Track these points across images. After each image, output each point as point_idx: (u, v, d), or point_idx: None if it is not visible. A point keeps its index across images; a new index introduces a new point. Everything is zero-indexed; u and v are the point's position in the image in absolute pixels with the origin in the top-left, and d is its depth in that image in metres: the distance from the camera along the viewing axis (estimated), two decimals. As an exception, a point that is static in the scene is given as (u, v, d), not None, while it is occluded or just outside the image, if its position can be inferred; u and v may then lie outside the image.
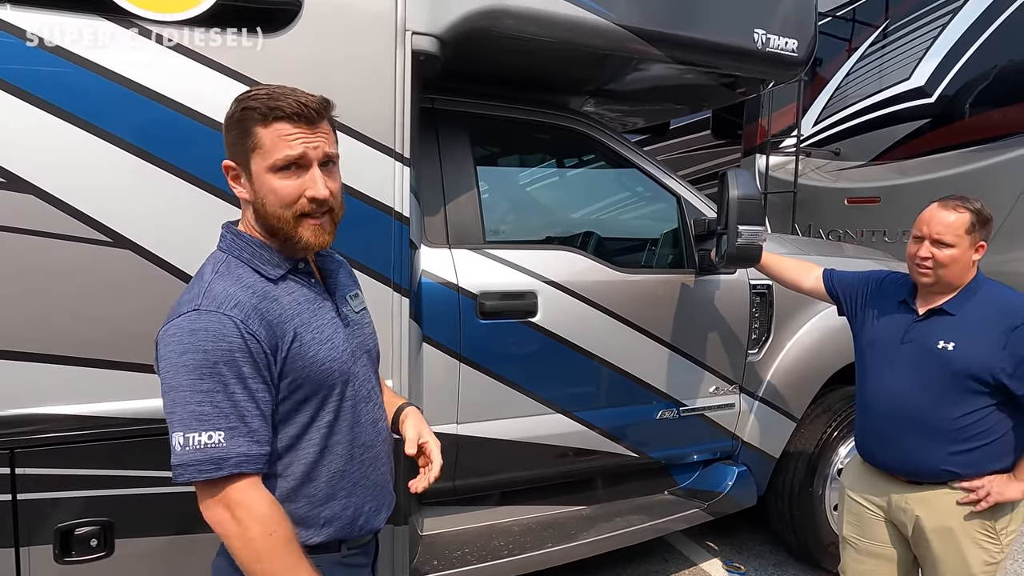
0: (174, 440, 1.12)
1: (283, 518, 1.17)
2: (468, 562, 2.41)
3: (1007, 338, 1.86)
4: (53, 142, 1.68)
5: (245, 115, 1.19)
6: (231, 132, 1.21)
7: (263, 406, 1.16)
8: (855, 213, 5.14)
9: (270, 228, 1.23)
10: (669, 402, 2.84)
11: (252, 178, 1.21)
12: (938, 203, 1.99)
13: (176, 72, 1.76)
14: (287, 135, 1.18)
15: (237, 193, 1.25)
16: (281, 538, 1.14)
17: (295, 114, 1.19)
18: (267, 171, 1.19)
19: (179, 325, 1.14)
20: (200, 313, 1.13)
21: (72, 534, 1.77)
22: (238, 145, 1.21)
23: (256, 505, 1.14)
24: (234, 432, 1.12)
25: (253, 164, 1.20)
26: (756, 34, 2.56)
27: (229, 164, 1.24)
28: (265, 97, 1.18)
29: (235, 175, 1.24)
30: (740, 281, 2.93)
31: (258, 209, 1.22)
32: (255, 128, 1.18)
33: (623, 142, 2.93)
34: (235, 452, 1.12)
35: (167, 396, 1.13)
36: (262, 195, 1.21)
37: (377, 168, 1.98)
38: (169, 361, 1.13)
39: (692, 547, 3.52)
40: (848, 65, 5.41)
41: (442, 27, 2.04)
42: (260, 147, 1.19)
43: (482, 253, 2.49)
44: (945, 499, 1.97)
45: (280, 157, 1.18)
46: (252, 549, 1.12)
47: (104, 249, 1.74)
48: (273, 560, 1.13)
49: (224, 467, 1.11)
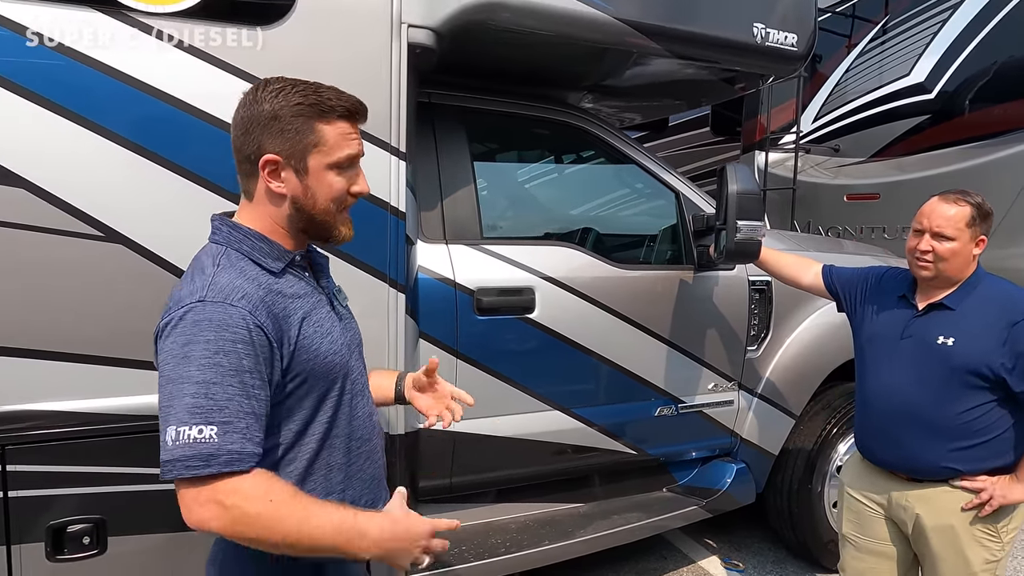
0: (167, 434, 1.06)
1: (273, 481, 1.11)
2: (465, 559, 2.40)
3: (1007, 333, 1.85)
4: (44, 136, 1.66)
5: (302, 111, 1.17)
6: (284, 125, 1.17)
7: (257, 403, 1.12)
8: (855, 209, 5.13)
9: (312, 224, 1.24)
10: (667, 399, 2.83)
11: (307, 174, 1.20)
12: (939, 196, 1.98)
13: (167, 65, 1.75)
14: (348, 133, 1.22)
15: (274, 188, 1.20)
16: (281, 498, 1.09)
17: (356, 112, 1.23)
18: (326, 168, 1.21)
19: (182, 316, 1.10)
20: (205, 304, 1.10)
21: (64, 532, 1.76)
22: (292, 140, 1.18)
23: (243, 487, 1.08)
24: (227, 428, 1.07)
25: (311, 160, 1.19)
26: (756, 28, 2.54)
27: (273, 158, 1.18)
28: (315, 93, 1.19)
29: (275, 169, 1.19)
30: (739, 277, 2.92)
31: (305, 204, 1.22)
32: (317, 124, 1.18)
33: (621, 137, 2.91)
34: (226, 449, 1.06)
35: (164, 388, 1.09)
36: (314, 190, 1.21)
37: (373, 163, 1.94)
38: (170, 352, 1.09)
39: (691, 544, 3.51)
40: (848, 61, 5.39)
41: (438, 20, 2.03)
42: (323, 144, 1.19)
43: (479, 249, 2.47)
44: (946, 497, 1.96)
45: (344, 156, 1.22)
46: (260, 523, 1.07)
47: (97, 244, 1.73)
48: (286, 518, 1.08)
49: (212, 464, 1.06)
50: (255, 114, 1.18)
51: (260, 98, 1.19)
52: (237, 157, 1.23)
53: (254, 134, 1.18)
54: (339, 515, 1.12)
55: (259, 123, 1.18)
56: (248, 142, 1.19)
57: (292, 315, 1.19)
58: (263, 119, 1.18)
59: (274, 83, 1.20)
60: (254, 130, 1.18)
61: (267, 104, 1.18)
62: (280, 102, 1.18)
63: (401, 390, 1.62)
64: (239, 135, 1.21)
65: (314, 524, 1.09)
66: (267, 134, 1.18)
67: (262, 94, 1.19)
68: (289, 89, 1.19)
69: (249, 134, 1.19)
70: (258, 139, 1.18)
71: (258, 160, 1.19)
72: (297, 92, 1.18)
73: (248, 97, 1.21)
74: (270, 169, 1.19)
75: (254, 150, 1.19)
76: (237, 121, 1.21)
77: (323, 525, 1.09)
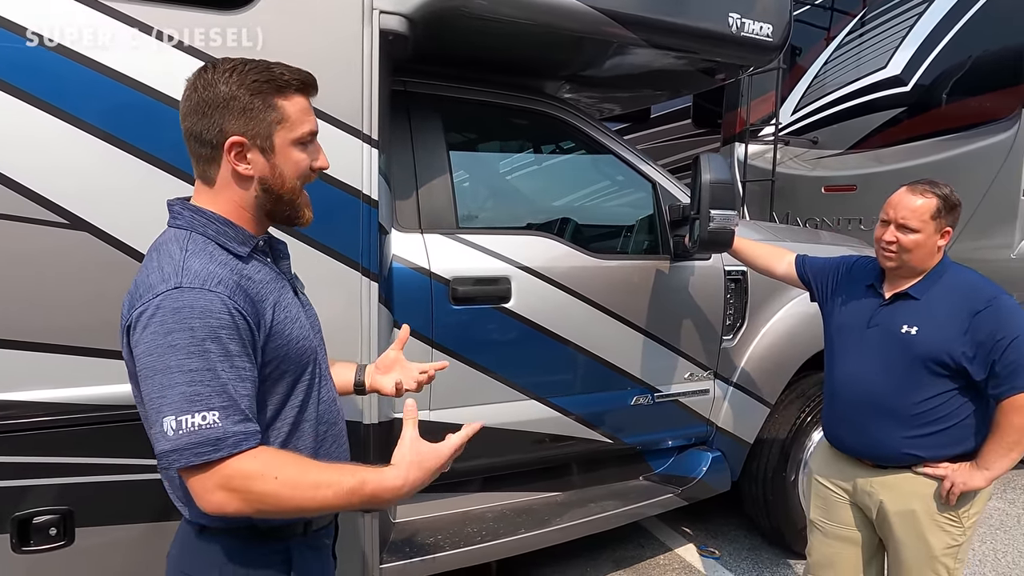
0: (164, 425, 1.05)
1: (276, 456, 1.12)
2: (441, 548, 2.41)
3: (969, 323, 1.87)
4: (9, 124, 1.63)
5: (260, 88, 1.15)
6: (244, 104, 1.14)
7: (251, 384, 1.12)
8: (832, 201, 5.18)
9: (279, 205, 1.22)
10: (643, 388, 2.85)
11: (273, 152, 1.18)
12: (907, 187, 1.99)
13: (132, 50, 1.71)
14: (306, 108, 1.21)
15: (241, 170, 1.17)
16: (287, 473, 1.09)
17: (310, 85, 1.21)
18: (291, 144, 1.19)
19: (159, 304, 1.07)
20: (183, 291, 1.07)
21: (31, 523, 1.73)
22: (255, 119, 1.15)
23: (248, 469, 1.08)
24: (228, 411, 1.07)
25: (277, 138, 1.18)
26: (731, 18, 2.54)
27: (239, 140, 1.15)
28: (267, 70, 1.16)
29: (241, 151, 1.16)
30: (715, 267, 2.94)
31: (273, 184, 1.20)
32: (277, 101, 1.16)
33: (599, 128, 2.91)
34: (232, 431, 1.06)
35: (151, 380, 1.06)
36: (281, 169, 1.20)
37: (345, 150, 1.94)
38: (152, 343, 1.06)
39: (667, 532, 3.54)
40: (826, 54, 5.42)
41: (411, 6, 2.01)
42: (287, 120, 1.17)
43: (455, 238, 2.46)
44: (908, 483, 1.99)
45: (306, 131, 1.21)
46: (273, 500, 1.08)
47: (63, 232, 1.70)
48: (297, 494, 1.08)
49: (222, 447, 1.05)
50: (211, 97, 1.15)
51: (213, 80, 1.16)
52: (193, 144, 1.19)
53: (212, 118, 1.15)
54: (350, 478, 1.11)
55: (217, 105, 1.15)
56: (207, 126, 1.16)
57: (265, 300, 1.18)
58: (221, 101, 1.15)
59: (224, 64, 1.17)
60: (212, 113, 1.15)
61: (223, 85, 1.15)
62: (236, 81, 1.15)
63: (361, 379, 1.61)
64: (195, 121, 1.17)
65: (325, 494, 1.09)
66: (228, 116, 1.15)
67: (214, 76, 1.16)
68: (242, 68, 1.16)
69: (207, 117, 1.16)
70: (218, 122, 1.15)
71: (221, 144, 1.16)
72: (251, 70, 1.16)
73: (198, 81, 1.17)
74: (236, 151, 1.17)
75: (215, 134, 1.16)
76: (191, 107, 1.17)
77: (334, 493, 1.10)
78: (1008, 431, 1.87)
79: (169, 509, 1.26)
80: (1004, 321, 1.86)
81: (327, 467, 1.14)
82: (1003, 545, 3.43)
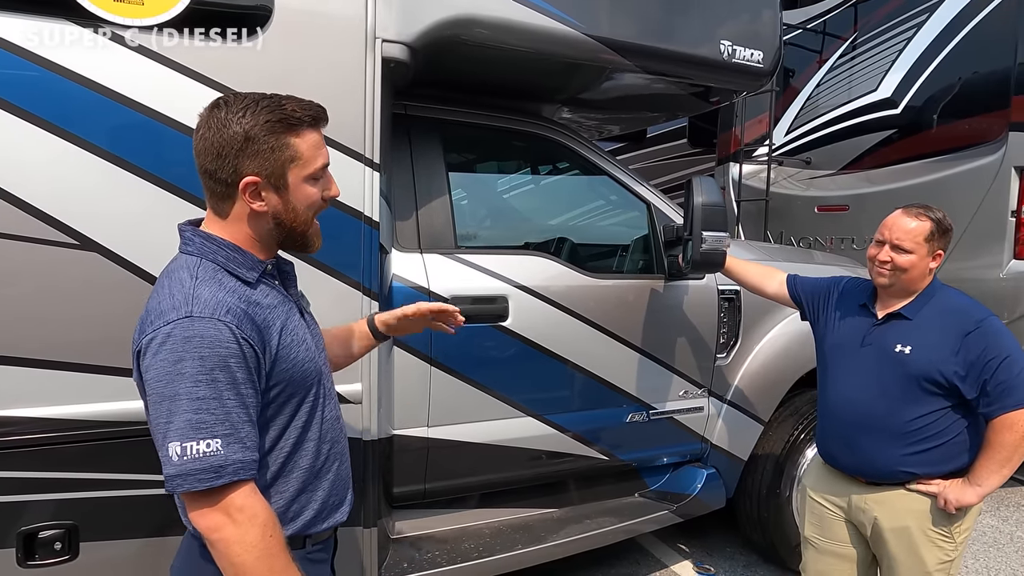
0: (170, 450, 1.09)
1: (277, 522, 1.18)
2: (438, 564, 2.43)
3: (960, 343, 1.92)
4: (22, 146, 1.68)
5: (273, 127, 1.17)
6: (259, 146, 1.17)
7: (253, 412, 1.17)
8: (825, 221, 5.24)
9: (291, 236, 1.26)
10: (639, 405, 2.88)
11: (287, 190, 1.21)
12: (902, 210, 2.06)
13: (144, 76, 1.77)
14: (318, 142, 1.24)
15: (256, 207, 1.20)
16: (278, 541, 1.15)
17: (320, 119, 1.25)
18: (304, 180, 1.23)
19: (170, 332, 1.10)
20: (193, 320, 1.11)
21: (36, 537, 1.76)
22: (269, 159, 1.18)
23: (258, 510, 1.14)
24: (230, 439, 1.11)
25: (291, 176, 1.21)
26: (723, 45, 2.62)
27: (253, 180, 1.18)
28: (279, 108, 1.19)
29: (256, 190, 1.19)
30: (709, 286, 2.99)
31: (286, 219, 1.23)
32: (289, 139, 1.19)
33: (594, 149, 2.97)
34: (232, 459, 1.11)
35: (159, 406, 1.11)
36: (295, 204, 1.23)
37: (347, 173, 1.99)
38: (162, 370, 1.10)
39: (663, 549, 3.56)
40: (818, 76, 5.52)
41: (412, 35, 2.07)
42: (299, 158, 1.21)
43: (453, 258, 2.51)
44: (902, 500, 2.03)
45: (319, 166, 1.24)
46: (251, 553, 1.12)
47: (70, 252, 1.74)
48: (271, 560, 1.13)
49: (223, 475, 1.10)
50: (227, 138, 1.17)
51: (227, 120, 1.17)
52: (207, 180, 1.22)
53: (228, 158, 1.17)
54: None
55: (232, 146, 1.17)
56: (222, 166, 1.18)
57: (272, 325, 1.22)
58: (237, 142, 1.17)
59: (237, 103, 1.19)
60: (227, 154, 1.17)
61: (236, 126, 1.17)
62: (250, 121, 1.17)
63: (375, 327, 1.68)
64: (210, 160, 1.19)
65: None
66: (243, 156, 1.17)
67: (228, 116, 1.18)
68: (255, 107, 1.18)
69: (222, 158, 1.18)
70: (233, 163, 1.18)
71: (236, 183, 1.19)
72: (264, 109, 1.18)
73: (211, 119, 1.19)
74: (251, 191, 1.20)
75: (230, 173, 1.18)
76: (206, 146, 1.19)
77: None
78: (999, 448, 1.91)
79: (172, 523, 1.30)
80: (993, 342, 1.91)
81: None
82: (996, 563, 3.45)
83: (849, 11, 5.32)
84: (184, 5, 1.78)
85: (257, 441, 1.18)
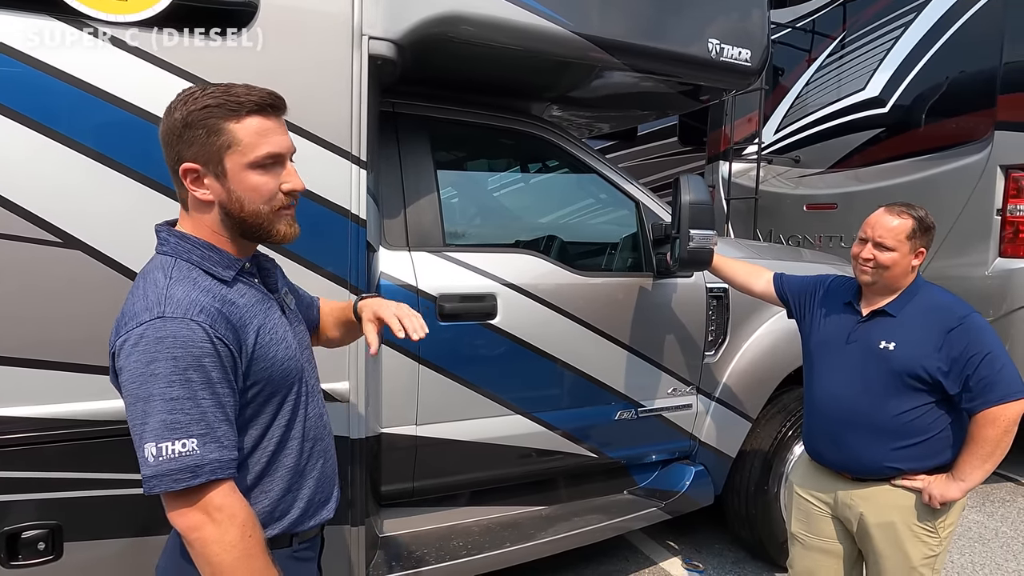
0: (146, 451, 1.09)
1: (257, 522, 1.17)
2: (426, 562, 2.43)
3: (943, 339, 1.95)
4: (3, 143, 1.67)
5: (209, 112, 1.16)
6: (193, 132, 1.16)
7: (230, 411, 1.16)
8: (813, 219, 5.27)
9: (244, 227, 1.22)
10: (627, 403, 2.89)
11: (227, 177, 1.18)
12: (885, 208, 2.08)
13: (128, 73, 1.76)
14: (265, 130, 1.19)
15: (199, 196, 1.19)
16: (257, 541, 1.15)
17: (269, 106, 1.20)
18: (246, 168, 1.18)
19: (142, 334, 1.10)
20: (166, 320, 1.10)
21: (19, 538, 1.75)
22: (205, 145, 1.16)
23: (236, 509, 1.13)
24: (206, 439, 1.10)
25: (228, 162, 1.17)
26: (711, 44, 2.63)
27: (192, 166, 1.18)
28: (223, 93, 1.17)
29: (197, 177, 1.19)
30: (697, 284, 3.00)
31: (231, 208, 1.20)
32: (227, 125, 1.16)
33: (583, 147, 2.98)
34: (209, 458, 1.10)
35: (135, 407, 1.10)
36: (239, 193, 1.19)
37: (333, 171, 1.99)
38: (135, 371, 1.09)
39: (653, 546, 3.57)
40: (807, 75, 5.55)
41: (399, 32, 2.07)
42: (236, 144, 1.17)
43: (442, 256, 2.51)
44: (887, 495, 2.05)
45: (262, 154, 1.19)
46: (230, 553, 1.11)
47: (54, 250, 1.73)
48: (250, 561, 1.13)
49: (200, 474, 1.09)
50: (171, 125, 1.19)
51: (172, 108, 1.19)
52: (170, 173, 1.23)
53: (173, 145, 1.19)
54: None
55: (175, 133, 1.18)
56: (170, 154, 1.20)
57: (248, 324, 1.21)
58: (177, 128, 1.18)
59: (185, 91, 1.20)
60: (173, 141, 1.19)
61: (177, 113, 1.18)
62: (188, 107, 1.17)
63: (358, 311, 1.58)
64: (164, 149, 1.21)
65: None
66: (182, 143, 1.18)
67: (174, 104, 1.19)
68: (198, 94, 1.18)
69: (170, 146, 1.20)
70: (176, 149, 1.19)
71: (177, 171, 1.20)
72: (205, 95, 1.18)
73: (166, 111, 1.21)
74: (192, 177, 1.19)
75: (174, 161, 1.20)
76: (161, 135, 1.21)
77: None
78: (982, 443, 1.93)
79: (156, 523, 1.29)
80: (975, 338, 1.93)
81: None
82: (981, 558, 3.48)
83: (837, 10, 5.35)
84: (168, 2, 1.76)
85: (235, 440, 1.17)
